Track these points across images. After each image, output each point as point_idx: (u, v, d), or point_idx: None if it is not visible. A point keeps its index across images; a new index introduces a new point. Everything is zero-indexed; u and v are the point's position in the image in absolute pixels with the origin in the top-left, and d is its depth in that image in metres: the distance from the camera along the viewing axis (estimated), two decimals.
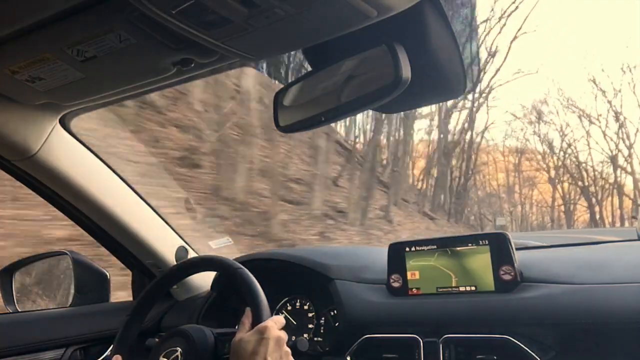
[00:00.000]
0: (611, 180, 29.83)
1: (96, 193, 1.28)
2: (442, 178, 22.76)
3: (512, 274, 1.07)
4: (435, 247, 1.18)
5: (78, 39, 0.76)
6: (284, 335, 0.92)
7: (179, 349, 0.98)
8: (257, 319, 0.93)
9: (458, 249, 1.15)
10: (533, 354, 0.98)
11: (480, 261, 1.12)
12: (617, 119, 29.40)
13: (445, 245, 1.17)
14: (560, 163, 32.22)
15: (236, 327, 0.96)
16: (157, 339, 1.11)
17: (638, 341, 0.92)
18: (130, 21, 0.71)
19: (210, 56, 0.79)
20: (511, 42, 29.86)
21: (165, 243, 1.47)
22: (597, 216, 29.41)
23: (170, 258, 1.47)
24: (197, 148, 7.05)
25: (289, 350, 0.92)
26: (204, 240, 1.67)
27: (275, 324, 0.92)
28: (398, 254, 1.23)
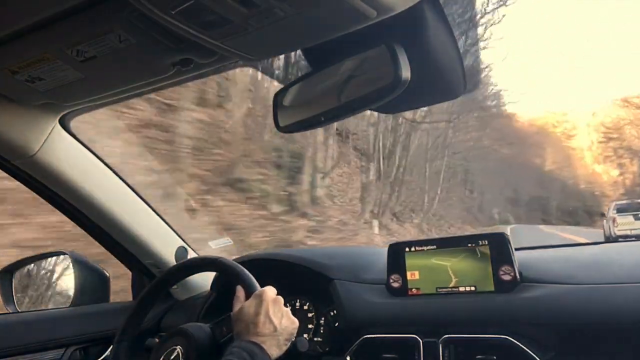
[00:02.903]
0: None
1: (96, 193, 1.28)
2: None
3: (512, 274, 1.07)
4: (434, 247, 1.18)
5: (78, 39, 0.76)
6: (280, 297, 0.97)
7: (179, 348, 0.99)
8: (250, 289, 0.99)
9: (458, 249, 1.15)
10: (533, 354, 0.98)
11: (480, 261, 1.12)
12: None
13: (445, 245, 1.17)
14: None
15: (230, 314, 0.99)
16: (157, 339, 1.11)
17: (638, 341, 0.92)
18: (130, 21, 0.71)
19: (210, 56, 0.79)
20: None
21: (165, 243, 1.47)
22: None
23: (170, 258, 1.47)
24: None
25: (288, 310, 0.97)
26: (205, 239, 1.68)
27: (269, 289, 0.97)
28: (398, 254, 1.23)
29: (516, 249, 1.13)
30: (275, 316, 0.92)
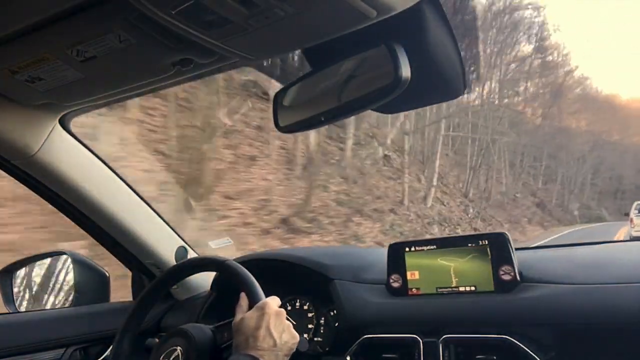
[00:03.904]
0: None
1: (96, 193, 1.28)
2: None
3: (512, 274, 1.07)
4: (434, 247, 1.18)
5: (78, 39, 0.76)
6: (282, 310, 0.96)
7: (179, 348, 0.98)
8: (254, 299, 0.97)
9: (458, 249, 1.15)
10: (533, 354, 0.98)
11: (480, 261, 1.12)
12: None
13: (445, 245, 1.17)
14: None
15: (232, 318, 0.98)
16: (157, 339, 1.11)
17: (638, 341, 0.92)
18: (130, 21, 0.71)
19: (210, 56, 0.79)
20: None
21: (165, 243, 1.47)
22: None
23: (170, 258, 1.47)
24: None
25: (289, 323, 0.96)
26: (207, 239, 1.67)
27: (272, 301, 0.96)
28: (398, 254, 1.23)
29: (516, 249, 1.13)
30: (276, 330, 0.91)
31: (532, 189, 30.18)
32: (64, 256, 1.48)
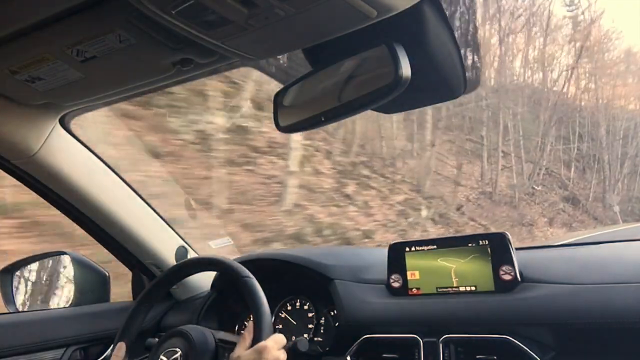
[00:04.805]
0: None
1: (96, 193, 1.28)
2: None
3: (512, 274, 1.07)
4: (435, 247, 1.18)
5: (78, 39, 0.77)
6: (282, 355, 0.92)
7: (179, 350, 0.98)
8: (258, 336, 0.94)
9: (458, 249, 1.15)
10: (533, 354, 0.98)
11: (480, 261, 1.12)
12: None
13: (445, 245, 1.17)
14: None
15: (236, 330, 0.96)
16: (156, 339, 1.11)
17: (638, 341, 0.92)
18: (130, 21, 0.71)
19: (210, 56, 0.79)
20: None
21: (165, 243, 1.47)
22: None
23: (170, 258, 1.47)
24: None
25: None
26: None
27: (275, 344, 0.92)
28: (398, 254, 1.23)
29: (516, 249, 1.13)
30: None
31: (561, 180, 23.67)
32: (64, 256, 1.48)
